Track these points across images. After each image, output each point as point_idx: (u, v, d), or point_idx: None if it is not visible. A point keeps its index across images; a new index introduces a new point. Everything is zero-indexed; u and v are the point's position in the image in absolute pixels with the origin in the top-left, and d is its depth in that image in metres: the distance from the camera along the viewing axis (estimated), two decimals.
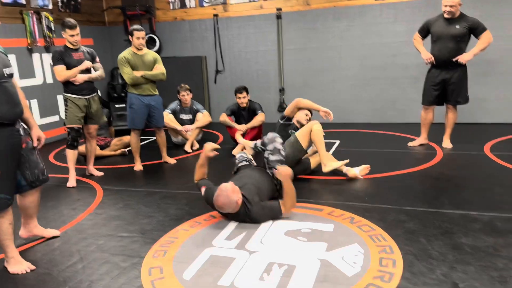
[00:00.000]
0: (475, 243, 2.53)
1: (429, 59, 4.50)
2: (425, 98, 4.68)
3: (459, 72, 4.44)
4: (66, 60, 3.93)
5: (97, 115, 4.22)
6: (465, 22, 4.30)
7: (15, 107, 2.39)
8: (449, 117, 4.70)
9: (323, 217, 3.02)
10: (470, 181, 3.62)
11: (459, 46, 4.35)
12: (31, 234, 2.85)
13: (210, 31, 6.91)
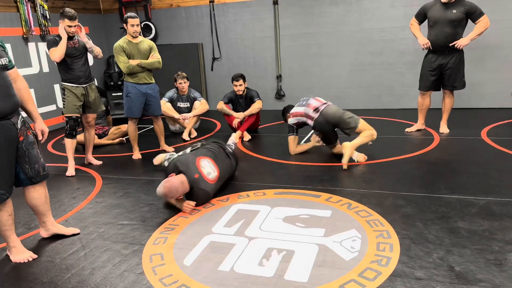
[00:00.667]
0: (471, 226, 2.57)
1: (425, 44, 4.49)
2: (422, 83, 4.69)
3: (455, 57, 4.44)
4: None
5: (95, 103, 4.21)
6: (462, 7, 4.29)
7: (6, 100, 2.32)
8: (446, 103, 4.71)
9: (321, 203, 3.06)
10: (467, 166, 3.66)
11: (456, 31, 4.34)
12: (51, 233, 2.78)
13: (206, 18, 6.85)
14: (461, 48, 4.36)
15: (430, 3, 4.51)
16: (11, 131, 2.38)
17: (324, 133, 4.11)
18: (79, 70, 4.04)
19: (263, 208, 3.03)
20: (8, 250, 2.55)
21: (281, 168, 3.95)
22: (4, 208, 2.43)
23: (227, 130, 5.44)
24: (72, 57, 3.99)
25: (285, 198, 3.20)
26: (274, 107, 6.81)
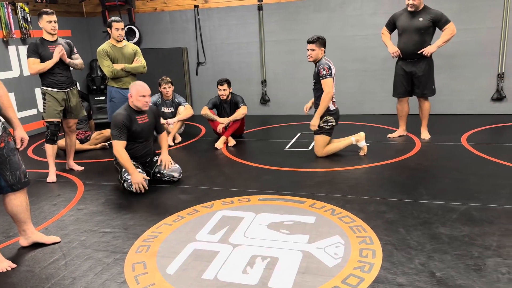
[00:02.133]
0: (452, 232, 2.61)
1: (395, 52, 4.62)
2: (395, 90, 4.82)
3: (425, 65, 4.53)
4: (42, 53, 3.84)
5: (76, 109, 4.14)
6: (428, 15, 4.39)
7: None
8: (422, 109, 4.78)
9: (305, 209, 3.07)
10: (448, 172, 3.72)
11: (423, 39, 4.43)
12: (31, 242, 2.72)
13: (191, 22, 6.84)
14: (428, 55, 4.45)
15: (399, 12, 4.63)
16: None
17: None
18: (61, 75, 3.97)
19: (248, 215, 3.02)
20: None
21: (266, 173, 3.96)
22: None
23: (212, 135, 5.43)
24: (55, 63, 3.91)
25: (270, 204, 3.21)
26: (259, 112, 6.83)
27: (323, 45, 4.12)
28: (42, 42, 3.87)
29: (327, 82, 4.13)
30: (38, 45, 3.83)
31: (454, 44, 5.78)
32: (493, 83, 5.81)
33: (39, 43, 3.85)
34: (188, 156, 4.80)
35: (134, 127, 3.62)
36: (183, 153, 4.94)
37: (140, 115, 3.68)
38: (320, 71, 4.10)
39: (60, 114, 4.02)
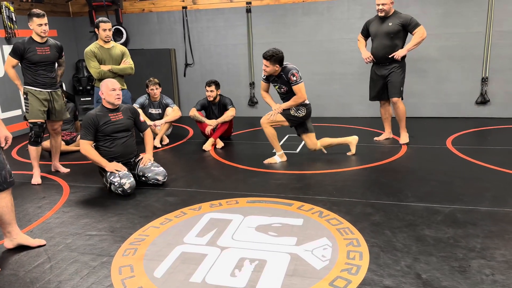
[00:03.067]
0: (437, 234, 2.65)
1: (367, 58, 4.73)
2: (370, 94, 4.92)
3: (396, 68, 4.59)
4: (28, 55, 3.76)
5: (60, 110, 4.07)
6: (397, 19, 4.46)
7: None
8: (396, 112, 4.75)
9: (293, 211, 3.08)
10: (433, 174, 3.78)
11: (393, 43, 4.50)
12: (15, 243, 2.67)
13: (179, 24, 6.82)
14: (398, 58, 4.50)
15: (371, 19, 4.74)
16: None
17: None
18: (44, 76, 3.90)
19: (236, 217, 3.02)
20: None
21: (254, 176, 3.97)
22: None
23: (200, 137, 5.42)
24: (41, 65, 3.85)
25: (258, 206, 3.21)
26: (247, 114, 6.84)
27: (278, 61, 3.96)
28: (30, 42, 3.79)
29: (300, 87, 4.04)
30: (25, 48, 3.75)
31: (439, 48, 5.89)
32: (477, 87, 5.92)
33: (26, 45, 3.77)
34: (175, 158, 4.78)
35: (106, 125, 3.62)
36: (170, 155, 4.91)
37: (114, 112, 3.68)
38: (291, 78, 4.00)
39: (44, 114, 3.94)
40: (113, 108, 3.68)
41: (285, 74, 4.05)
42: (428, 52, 5.82)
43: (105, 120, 3.62)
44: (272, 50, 3.97)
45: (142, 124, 3.94)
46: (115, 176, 3.51)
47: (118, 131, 3.69)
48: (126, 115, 3.76)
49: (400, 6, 5.42)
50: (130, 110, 3.84)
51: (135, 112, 3.87)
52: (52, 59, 3.91)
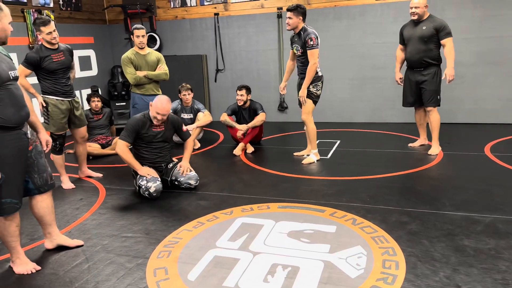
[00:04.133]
0: (477, 245, 2.56)
1: (397, 81, 4.74)
2: (403, 99, 4.78)
3: (430, 74, 4.43)
4: (46, 65, 3.68)
5: (82, 117, 4.05)
6: (431, 23, 4.33)
7: (20, 110, 2.34)
8: (430, 121, 4.53)
9: (326, 218, 3.05)
10: (471, 182, 3.65)
11: (428, 47, 4.36)
12: (55, 244, 2.76)
13: (211, 30, 6.91)
14: (452, 78, 4.34)
15: (405, 24, 4.63)
16: (23, 140, 2.39)
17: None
18: (65, 85, 3.84)
19: (267, 222, 3.02)
20: (11, 262, 2.54)
21: (285, 181, 3.95)
22: (12, 218, 2.43)
23: (230, 142, 5.45)
24: (59, 72, 3.78)
25: (289, 212, 3.19)
26: (276, 119, 6.84)
27: (301, 14, 4.10)
28: (44, 50, 3.70)
29: (314, 53, 4.12)
30: (39, 58, 3.65)
31: (476, 52, 5.70)
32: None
33: (40, 53, 3.66)
34: (206, 163, 4.83)
35: (147, 133, 3.68)
36: (201, 159, 4.97)
37: (157, 126, 3.74)
38: (308, 41, 4.08)
39: (66, 125, 3.92)
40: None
41: (304, 35, 4.12)
42: (464, 56, 5.65)
43: (146, 130, 3.68)
44: (296, 3, 4.12)
45: (184, 133, 3.96)
46: (143, 179, 3.58)
47: (155, 141, 3.76)
48: (168, 128, 3.80)
49: (435, 10, 5.30)
50: (174, 122, 3.85)
51: (178, 124, 3.89)
52: (68, 64, 3.85)
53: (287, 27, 4.20)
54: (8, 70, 2.33)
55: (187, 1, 6.96)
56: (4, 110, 2.25)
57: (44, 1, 6.17)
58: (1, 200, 2.33)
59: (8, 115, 2.27)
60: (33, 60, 3.66)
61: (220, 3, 6.78)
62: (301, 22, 4.14)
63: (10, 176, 2.32)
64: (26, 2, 5.86)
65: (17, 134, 2.34)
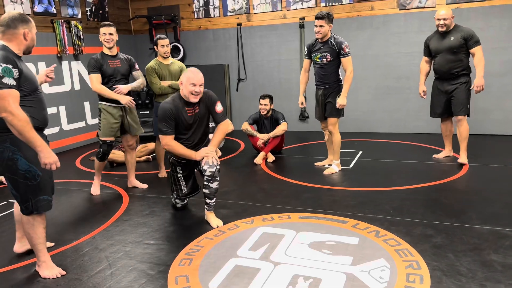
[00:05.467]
0: (506, 260, 2.48)
1: (420, 93, 4.68)
2: (432, 110, 4.68)
3: (461, 84, 4.34)
4: (103, 68, 3.86)
5: (133, 125, 4.07)
6: (459, 33, 4.25)
7: (47, 114, 2.53)
8: (459, 131, 4.47)
9: (348, 229, 3.01)
10: (498, 195, 3.55)
11: (457, 57, 4.29)
12: (25, 249, 2.85)
13: (234, 40, 6.98)
14: (482, 89, 4.25)
15: (430, 35, 4.55)
16: (47, 142, 2.49)
17: None
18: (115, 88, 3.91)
19: (288, 232, 3.00)
20: (37, 265, 2.60)
21: (306, 191, 3.92)
22: (41, 220, 2.51)
23: (251, 151, 5.46)
24: (112, 79, 3.91)
25: (311, 222, 3.17)
26: (297, 128, 6.82)
27: (331, 21, 4.11)
28: (102, 56, 3.89)
29: (350, 60, 4.16)
30: (98, 60, 3.84)
31: (504, 62, 5.57)
32: None
33: (99, 58, 3.87)
34: (227, 171, 4.84)
35: (183, 118, 3.20)
36: (222, 167, 4.97)
37: (191, 106, 3.23)
38: (344, 48, 4.11)
39: (116, 132, 3.97)
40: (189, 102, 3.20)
41: (336, 43, 4.13)
42: (492, 66, 5.52)
43: (181, 114, 3.19)
44: (326, 11, 4.12)
45: (218, 114, 3.31)
46: (173, 194, 3.51)
47: (193, 126, 3.27)
48: (202, 107, 3.27)
49: (460, 19, 5.22)
50: (207, 99, 3.28)
51: (212, 100, 3.30)
52: (123, 72, 3.97)
53: (317, 35, 4.16)
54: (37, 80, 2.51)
55: (210, 12, 7.07)
56: (39, 113, 2.41)
57: (73, 12, 6.37)
58: (40, 197, 2.43)
59: (42, 118, 2.44)
60: (95, 61, 3.83)
61: (243, 13, 6.85)
62: (331, 28, 4.16)
63: (46, 174, 2.44)
64: (55, 13, 6.06)
65: (43, 135, 2.48)
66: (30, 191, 2.40)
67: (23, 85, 2.28)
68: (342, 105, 4.21)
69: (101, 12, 6.95)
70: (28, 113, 2.24)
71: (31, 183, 2.38)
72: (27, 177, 2.36)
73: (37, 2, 5.76)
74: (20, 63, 2.28)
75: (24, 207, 2.43)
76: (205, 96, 3.26)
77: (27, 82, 2.31)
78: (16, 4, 5.47)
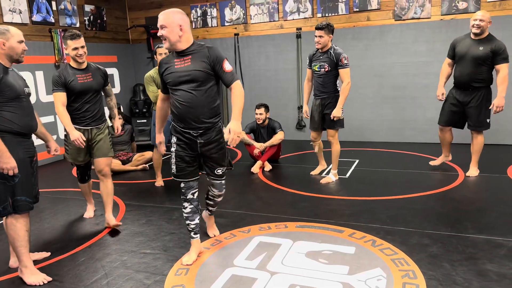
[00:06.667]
0: (501, 269, 2.49)
1: (438, 96, 4.43)
2: (441, 117, 4.48)
3: (479, 96, 4.18)
4: (70, 85, 3.20)
5: (99, 148, 3.37)
6: (490, 45, 4.03)
7: (31, 121, 2.61)
8: (473, 143, 4.38)
9: (344, 238, 3.02)
10: (493, 205, 3.57)
11: (480, 69, 4.10)
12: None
13: (231, 50, 7.03)
14: (501, 109, 4.11)
15: (460, 37, 4.29)
16: (33, 149, 2.63)
17: None
18: (87, 111, 3.31)
19: (285, 242, 3.00)
20: (20, 270, 2.60)
21: (303, 200, 3.93)
22: (23, 222, 2.53)
23: (248, 160, 5.48)
24: (82, 96, 3.27)
25: (307, 231, 3.17)
26: (295, 137, 6.85)
27: (331, 32, 4.13)
28: (69, 70, 3.24)
29: (348, 72, 4.18)
30: (63, 76, 3.19)
31: None
32: None
33: (65, 72, 3.21)
34: None
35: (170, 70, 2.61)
36: None
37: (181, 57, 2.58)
38: (342, 60, 4.14)
39: (85, 156, 3.42)
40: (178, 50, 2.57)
41: (334, 54, 4.17)
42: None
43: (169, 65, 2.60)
44: (325, 21, 4.16)
45: (225, 74, 2.57)
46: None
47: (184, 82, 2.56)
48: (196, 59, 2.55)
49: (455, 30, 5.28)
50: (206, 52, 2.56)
51: (215, 56, 2.55)
52: (96, 87, 3.35)
53: (317, 45, 4.19)
54: (24, 87, 2.60)
55: (208, 21, 7.13)
56: (19, 119, 2.50)
57: (71, 21, 6.41)
58: (17, 197, 2.48)
59: (21, 124, 2.52)
60: (58, 78, 3.18)
61: (240, 23, 6.91)
62: (331, 39, 4.18)
63: (25, 177, 2.50)
64: (53, 22, 6.09)
65: (29, 142, 2.58)
66: (8, 191, 2.46)
67: (3, 92, 2.42)
68: (336, 116, 4.20)
69: (99, 22, 6.99)
70: (6, 117, 2.42)
71: (9, 183, 2.45)
72: (6, 177, 2.43)
73: (35, 11, 5.80)
74: (2, 72, 2.43)
75: (1, 207, 2.47)
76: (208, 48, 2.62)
77: (8, 89, 2.44)
78: (15, 14, 5.51)
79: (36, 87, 5.79)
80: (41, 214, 3.84)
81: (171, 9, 2.58)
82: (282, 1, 6.61)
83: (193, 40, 2.63)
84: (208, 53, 2.55)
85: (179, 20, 2.52)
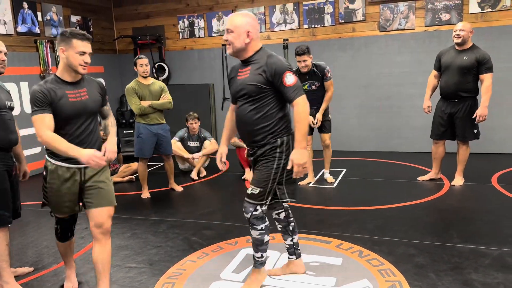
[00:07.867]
0: (485, 279, 2.51)
1: (424, 109, 4.48)
2: (433, 131, 4.50)
3: (466, 106, 4.21)
4: (57, 104, 2.19)
5: (102, 193, 2.34)
6: (474, 54, 4.10)
7: (10, 134, 2.54)
8: (459, 153, 4.43)
9: (332, 249, 3.01)
10: (478, 214, 3.61)
11: (465, 79, 4.14)
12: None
13: (218, 60, 7.05)
14: (484, 119, 4.16)
15: (445, 49, 4.37)
16: (11, 162, 2.59)
17: None
18: (81, 142, 2.25)
19: (273, 254, 2.99)
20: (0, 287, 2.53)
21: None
22: (2, 235, 2.47)
23: (237, 170, 5.46)
24: (74, 120, 2.25)
25: None
26: None
27: (310, 52, 4.34)
28: (57, 84, 2.24)
29: (332, 83, 4.48)
30: (49, 92, 2.18)
31: None
32: None
33: (50, 88, 2.19)
34: (212, 191, 4.83)
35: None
36: (207, 187, 4.97)
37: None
38: (326, 74, 4.41)
39: (73, 205, 2.35)
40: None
41: (319, 70, 4.40)
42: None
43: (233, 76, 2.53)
44: (302, 45, 4.34)
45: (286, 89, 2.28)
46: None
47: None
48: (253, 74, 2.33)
49: (439, 41, 5.38)
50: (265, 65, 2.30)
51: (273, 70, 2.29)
52: (93, 108, 2.34)
53: (304, 69, 4.36)
54: (5, 100, 2.55)
55: (195, 32, 7.14)
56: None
57: (57, 32, 6.36)
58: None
59: (2, 137, 2.47)
60: (42, 96, 2.17)
61: None
62: (311, 58, 4.39)
63: (1, 189, 2.45)
64: (39, 33, 6.04)
65: (5, 155, 2.52)
66: None
67: None
68: (320, 119, 4.49)
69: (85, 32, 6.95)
70: None
71: None
72: None
73: (20, 22, 5.75)
74: None
75: None
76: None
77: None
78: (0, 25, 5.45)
79: (20, 98, 5.72)
80: (25, 228, 3.76)
81: (241, 12, 2.38)
82: (269, 13, 6.67)
83: (261, 46, 2.42)
84: (266, 64, 2.28)
85: (247, 25, 2.28)
